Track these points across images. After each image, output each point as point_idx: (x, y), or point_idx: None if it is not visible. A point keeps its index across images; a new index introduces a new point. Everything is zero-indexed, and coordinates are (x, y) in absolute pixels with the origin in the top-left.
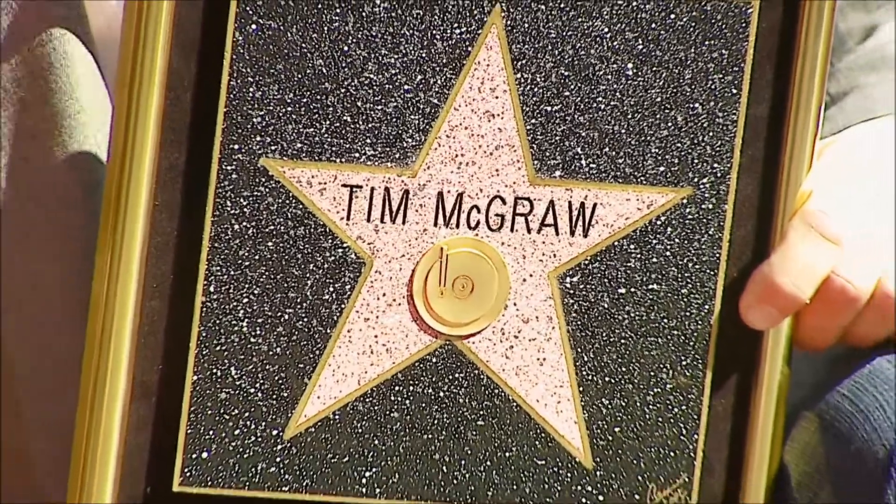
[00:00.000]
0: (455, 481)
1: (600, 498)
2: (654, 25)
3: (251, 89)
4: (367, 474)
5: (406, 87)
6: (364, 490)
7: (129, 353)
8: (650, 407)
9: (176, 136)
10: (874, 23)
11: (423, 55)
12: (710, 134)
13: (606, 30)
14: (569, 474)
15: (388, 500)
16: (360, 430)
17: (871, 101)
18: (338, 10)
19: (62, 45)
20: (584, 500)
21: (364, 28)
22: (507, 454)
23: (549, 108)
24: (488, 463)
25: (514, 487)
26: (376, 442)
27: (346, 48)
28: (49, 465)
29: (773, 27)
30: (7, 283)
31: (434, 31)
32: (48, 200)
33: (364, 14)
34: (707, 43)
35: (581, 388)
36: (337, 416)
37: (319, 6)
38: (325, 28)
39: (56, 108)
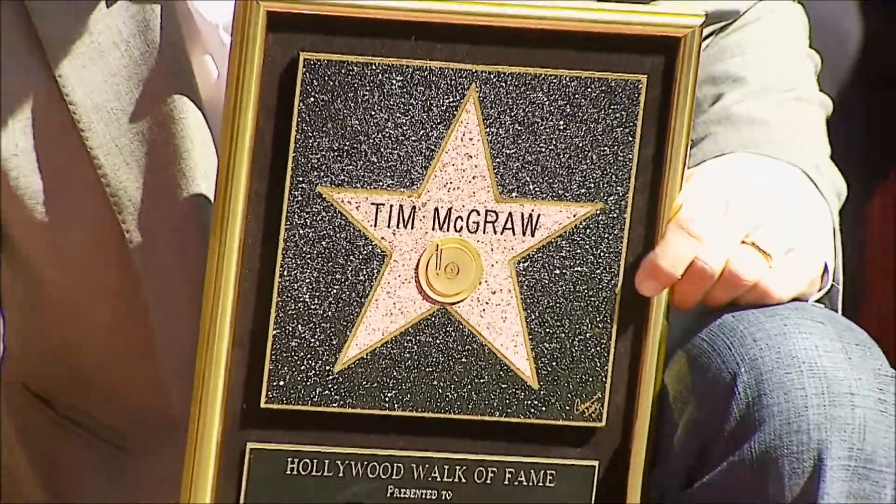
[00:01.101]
0: (446, 399)
1: (543, 408)
2: (577, 95)
3: (310, 140)
4: (388, 395)
5: (413, 138)
6: (386, 405)
7: (230, 317)
8: (576, 348)
9: (261, 172)
10: (720, 92)
11: (425, 116)
12: (615, 167)
13: (545, 99)
14: (522, 393)
15: (402, 412)
16: (383, 366)
17: (719, 145)
18: (368, 87)
19: (181, 106)
20: (532, 410)
21: (385, 99)
22: (481, 381)
23: (507, 152)
24: (469, 387)
25: (486, 402)
26: (394, 373)
27: (373, 113)
28: (182, 392)
29: (655, 96)
30: (149, 288)
31: (432, 101)
32: (183, 247)
33: (385, 90)
34: (612, 106)
35: (530, 337)
36: (368, 357)
37: (356, 85)
38: (359, 99)
39: (177, 151)
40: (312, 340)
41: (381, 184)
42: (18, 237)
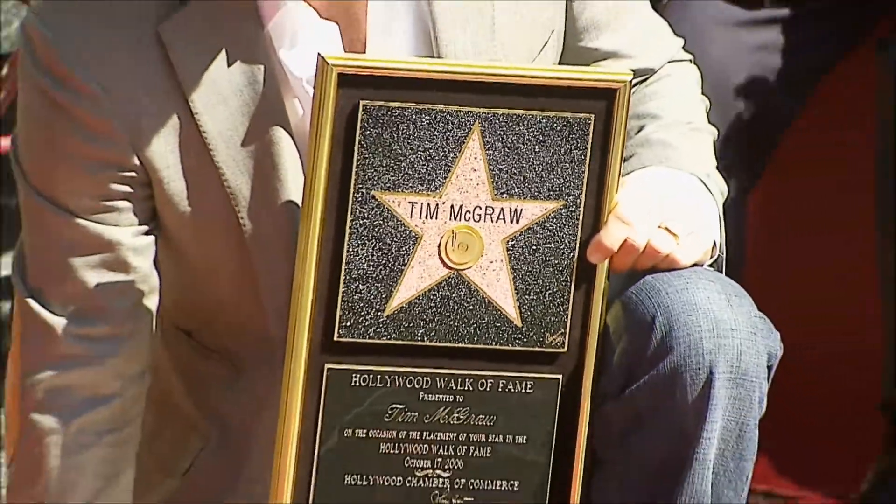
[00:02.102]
0: (459, 333)
1: (524, 339)
2: (546, 128)
3: (366, 160)
4: (420, 331)
5: (436, 158)
6: (418, 338)
7: (313, 279)
8: (547, 299)
9: (333, 180)
10: (642, 125)
11: (444, 143)
12: (573, 177)
13: (525, 131)
14: (510, 329)
15: (429, 343)
16: (416, 312)
17: (642, 161)
18: (405, 124)
19: (278, 134)
20: (517, 340)
21: (417, 132)
22: (482, 321)
23: (500, 167)
24: (474, 325)
25: (486, 335)
26: (424, 317)
27: (409, 141)
28: (278, 329)
29: (599, 129)
30: (256, 258)
31: (448, 133)
32: (280, 231)
33: (417, 125)
34: (571, 136)
35: (515, 291)
36: (406, 306)
37: (397, 122)
38: (400, 133)
39: (274, 165)
40: (368, 295)
41: (414, 189)
42: (169, 224)
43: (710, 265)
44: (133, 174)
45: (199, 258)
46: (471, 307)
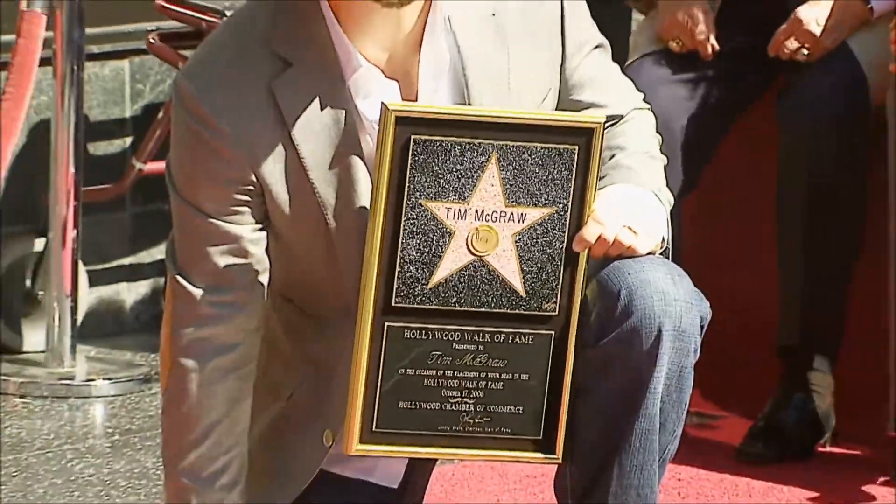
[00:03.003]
0: (480, 300)
1: (526, 306)
2: (543, 156)
3: (416, 178)
4: (453, 300)
5: (465, 176)
6: (451, 304)
7: (377, 261)
8: (544, 277)
9: (391, 191)
10: (613, 154)
11: (471, 166)
12: (562, 190)
13: (528, 158)
14: (517, 299)
15: (458, 307)
16: (451, 285)
17: (612, 179)
18: (444, 152)
19: (354, 160)
20: (522, 306)
21: (452, 158)
22: (497, 293)
23: (510, 183)
24: (490, 295)
25: (499, 303)
26: (455, 289)
27: (447, 164)
28: (354, 297)
29: (582, 156)
30: (338, 246)
31: (475, 159)
32: (355, 227)
33: (452, 153)
34: (561, 161)
35: (521, 272)
36: (444, 281)
37: (439, 151)
38: (440, 158)
39: (352, 181)
40: (416, 273)
41: (449, 198)
42: (276, 223)
43: (661, 254)
44: (251, 188)
45: (298, 247)
46: (489, 283)
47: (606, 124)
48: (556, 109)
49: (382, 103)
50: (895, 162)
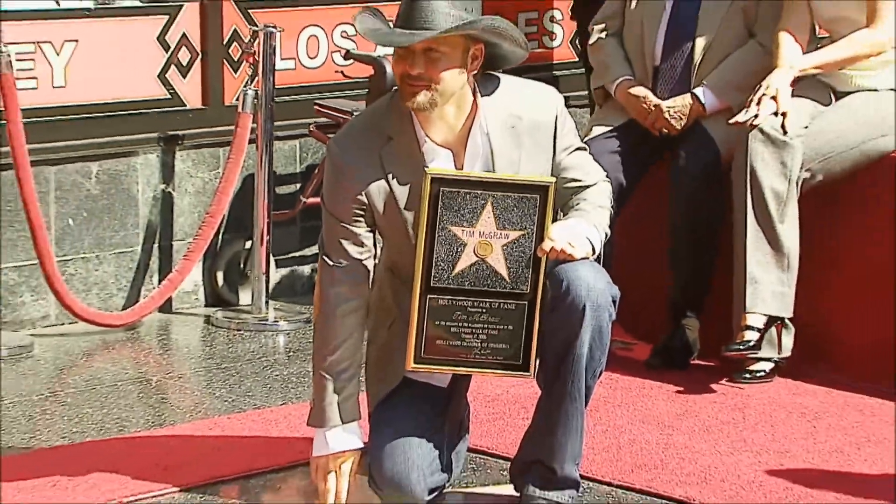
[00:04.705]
0: (483, 284)
1: (511, 287)
2: (520, 200)
3: (443, 211)
4: (466, 283)
5: (472, 214)
6: (465, 285)
7: (423, 258)
8: (520, 271)
9: (433, 220)
10: (578, 202)
11: (475, 208)
12: (531, 221)
13: (512, 204)
14: (504, 283)
15: (470, 287)
16: (464, 274)
17: (570, 216)
18: (459, 197)
19: (415, 189)
20: (507, 288)
21: (465, 201)
22: (493, 280)
23: (501, 217)
24: (488, 281)
25: (494, 287)
26: (466, 278)
27: (462, 203)
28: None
29: (543, 200)
30: (411, 239)
31: (476, 204)
32: (411, 224)
33: (465, 199)
34: (531, 204)
35: (506, 267)
36: (460, 271)
37: (457, 196)
38: (457, 201)
39: (414, 199)
40: (445, 266)
41: (463, 224)
42: (380, 226)
43: (594, 259)
44: (364, 207)
45: (391, 241)
46: (487, 274)
47: (580, 187)
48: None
49: (424, 168)
50: (741, 195)
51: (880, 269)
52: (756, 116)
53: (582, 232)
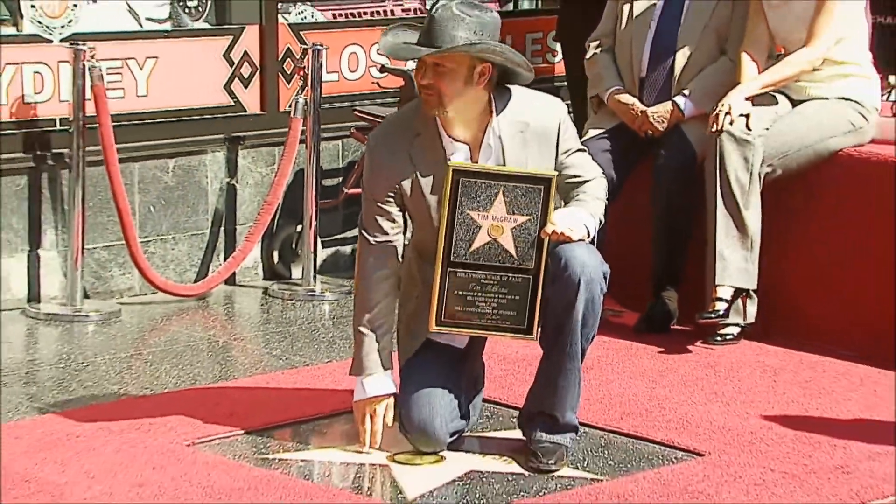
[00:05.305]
0: (496, 260)
1: (518, 264)
2: (527, 189)
3: (460, 197)
4: (481, 259)
5: (488, 200)
6: (480, 261)
7: (444, 240)
8: (527, 249)
9: (453, 204)
10: (577, 195)
11: (491, 195)
12: (536, 207)
13: (521, 192)
14: (513, 260)
15: (485, 262)
16: (480, 252)
17: (570, 205)
18: (475, 186)
19: (439, 179)
20: (515, 264)
21: (480, 189)
22: (504, 256)
23: (510, 203)
24: (499, 258)
25: (504, 262)
26: (481, 254)
27: (477, 190)
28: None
29: (547, 189)
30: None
31: (491, 192)
32: (435, 209)
33: (480, 186)
34: (536, 192)
35: (514, 247)
36: (475, 249)
37: (474, 184)
38: (474, 188)
39: (437, 190)
40: (464, 244)
41: (479, 210)
42: (408, 208)
43: (590, 242)
44: (396, 190)
45: (417, 221)
46: (498, 252)
47: (579, 182)
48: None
49: (446, 161)
50: (712, 186)
51: (828, 248)
52: (720, 131)
53: (580, 218)
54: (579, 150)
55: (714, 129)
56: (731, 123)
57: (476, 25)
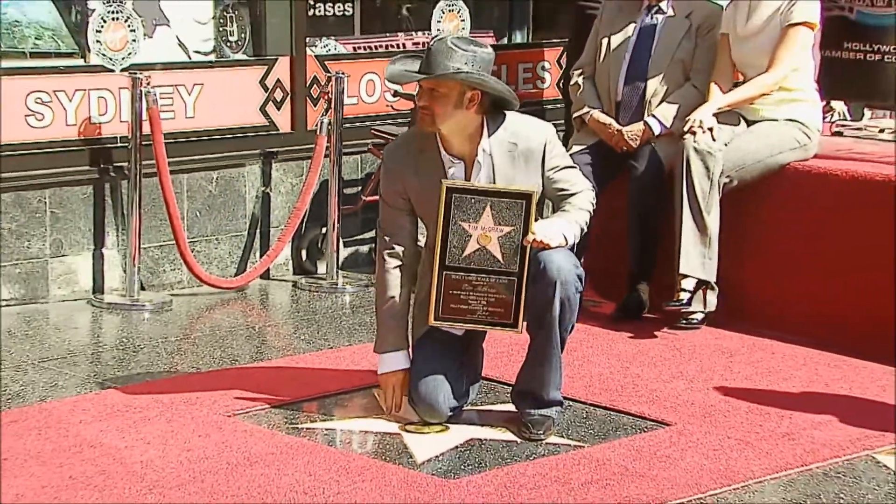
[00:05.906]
0: (485, 261)
1: (504, 267)
2: (512, 203)
3: (454, 210)
4: (471, 263)
5: (476, 213)
6: (472, 265)
7: (440, 242)
8: (511, 254)
9: (448, 217)
10: (563, 206)
11: (479, 209)
12: (520, 218)
13: (506, 206)
14: (500, 264)
15: (479, 266)
16: (471, 257)
17: (555, 215)
18: (465, 201)
19: (440, 196)
20: (501, 268)
21: (469, 204)
22: (493, 260)
23: (496, 215)
24: (488, 263)
25: (494, 262)
26: (472, 260)
27: (467, 204)
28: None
29: (528, 203)
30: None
31: (479, 206)
32: (435, 210)
33: (470, 201)
34: (519, 206)
35: (500, 253)
36: (467, 254)
37: (465, 199)
38: (465, 202)
39: (440, 208)
40: (456, 250)
41: (469, 221)
42: (418, 212)
43: (570, 248)
44: (405, 196)
45: (427, 224)
46: (487, 257)
47: (567, 194)
48: (539, 194)
49: (440, 179)
50: (679, 192)
51: (778, 247)
52: (693, 135)
53: (559, 227)
54: (568, 166)
55: (687, 135)
56: (703, 132)
57: (468, 58)
